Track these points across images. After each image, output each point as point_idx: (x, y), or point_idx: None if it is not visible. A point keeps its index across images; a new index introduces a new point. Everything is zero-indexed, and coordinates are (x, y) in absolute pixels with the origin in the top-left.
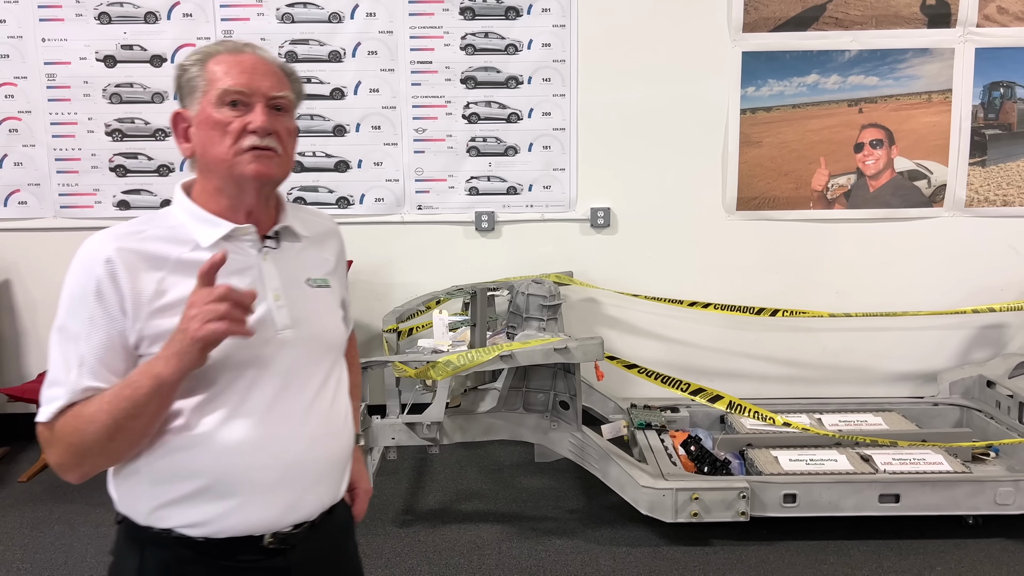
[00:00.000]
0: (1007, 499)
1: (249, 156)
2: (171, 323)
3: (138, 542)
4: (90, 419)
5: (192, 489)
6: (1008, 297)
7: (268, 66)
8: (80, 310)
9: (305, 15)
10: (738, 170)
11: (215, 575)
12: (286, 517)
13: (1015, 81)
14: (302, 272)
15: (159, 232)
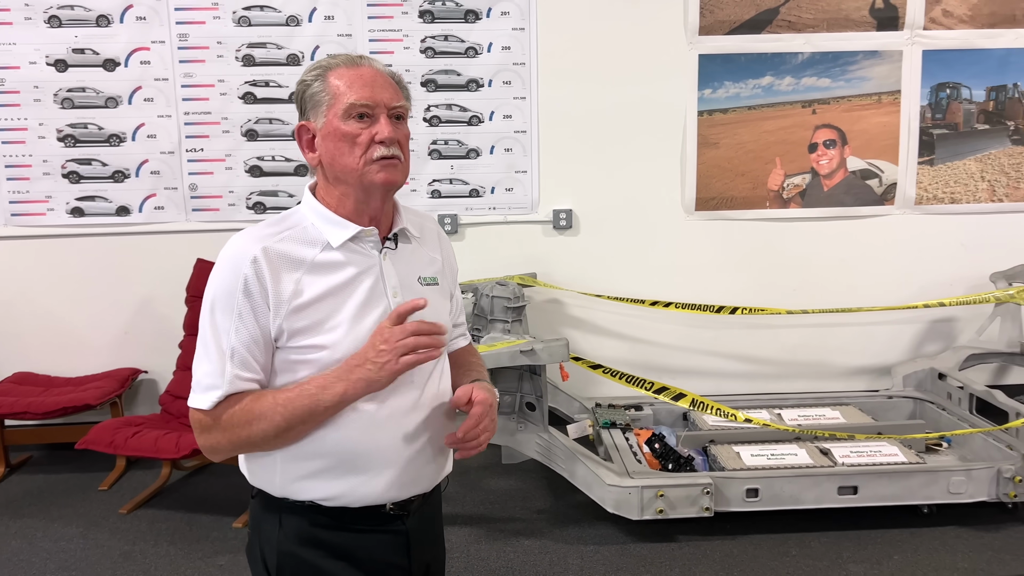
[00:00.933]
0: (959, 488)
1: (377, 166)
2: (308, 320)
3: (275, 510)
4: (261, 416)
5: (321, 467)
6: (957, 292)
7: (385, 78)
8: (229, 305)
9: (262, 18)
10: (696, 171)
11: (344, 537)
12: (405, 490)
13: (960, 82)
14: (415, 271)
15: (295, 233)
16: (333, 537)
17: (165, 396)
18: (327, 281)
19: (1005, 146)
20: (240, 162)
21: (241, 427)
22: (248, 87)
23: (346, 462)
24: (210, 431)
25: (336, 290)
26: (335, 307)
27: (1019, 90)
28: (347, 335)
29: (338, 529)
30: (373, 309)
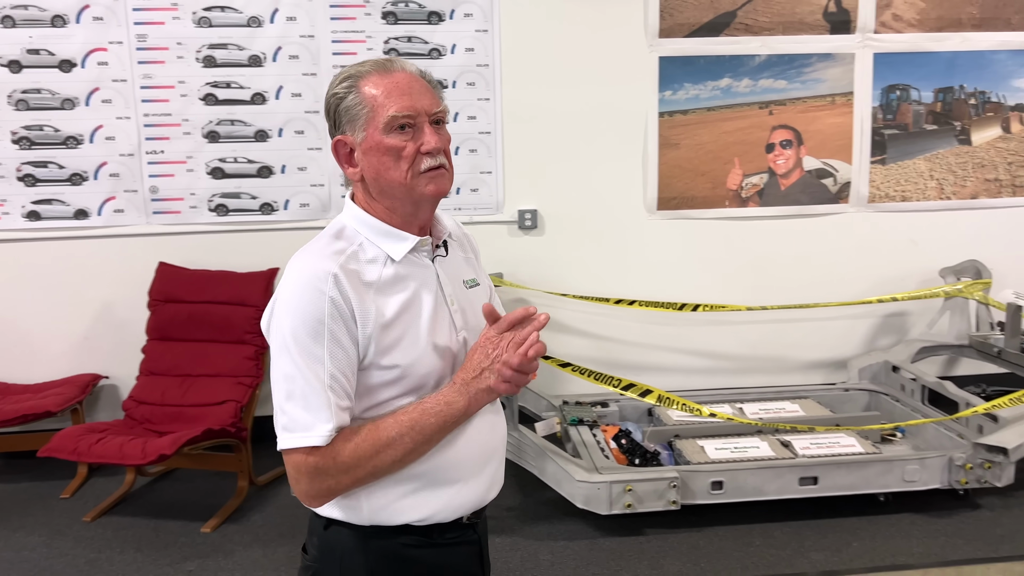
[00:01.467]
0: (913, 476)
1: (426, 178)
2: (394, 336)
3: (360, 539)
4: (389, 444)
5: (414, 487)
6: (909, 287)
7: (421, 82)
8: (318, 332)
9: (223, 19)
10: (658, 171)
11: (431, 553)
12: (488, 495)
13: (909, 84)
14: (460, 275)
15: (355, 250)
16: (422, 555)
17: (128, 402)
18: (399, 298)
19: (952, 146)
20: (201, 164)
21: (368, 459)
22: (209, 88)
23: (439, 478)
24: (327, 473)
25: (407, 306)
26: (410, 324)
27: (965, 92)
28: (426, 351)
29: (424, 547)
30: (440, 321)
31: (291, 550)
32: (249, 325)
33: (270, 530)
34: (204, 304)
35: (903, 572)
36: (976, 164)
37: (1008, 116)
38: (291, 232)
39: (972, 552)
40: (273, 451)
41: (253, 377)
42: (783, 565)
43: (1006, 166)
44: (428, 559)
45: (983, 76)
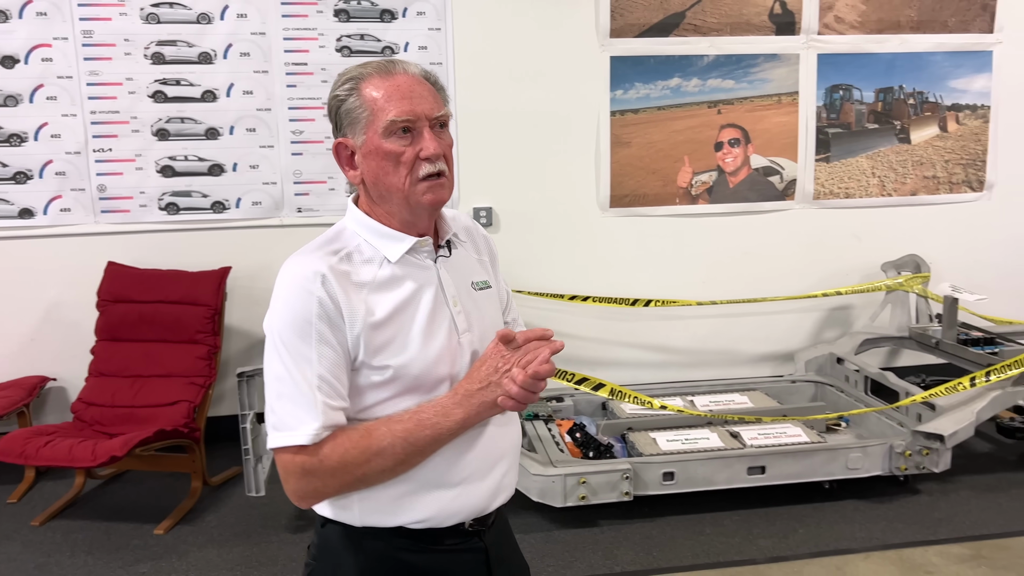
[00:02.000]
0: (856, 464)
1: (424, 186)
2: (382, 339)
3: (354, 539)
4: (380, 452)
5: (408, 490)
6: (852, 281)
7: (423, 84)
8: (306, 332)
9: (171, 15)
10: (610, 169)
11: (426, 558)
12: (492, 502)
13: (852, 84)
14: (468, 276)
15: (350, 251)
16: (416, 559)
17: (77, 404)
18: (393, 298)
19: (893, 144)
20: (151, 162)
21: (357, 466)
22: (158, 85)
23: (438, 480)
24: (314, 475)
25: (403, 306)
26: (404, 324)
27: (904, 92)
28: (420, 352)
29: (420, 552)
30: (440, 322)
31: (246, 550)
32: (201, 324)
33: (224, 530)
34: (155, 304)
35: (846, 556)
36: (915, 162)
37: (945, 116)
38: (243, 231)
39: (912, 536)
40: (228, 451)
41: (206, 377)
42: (732, 552)
43: (943, 164)
44: (424, 564)
45: (921, 77)
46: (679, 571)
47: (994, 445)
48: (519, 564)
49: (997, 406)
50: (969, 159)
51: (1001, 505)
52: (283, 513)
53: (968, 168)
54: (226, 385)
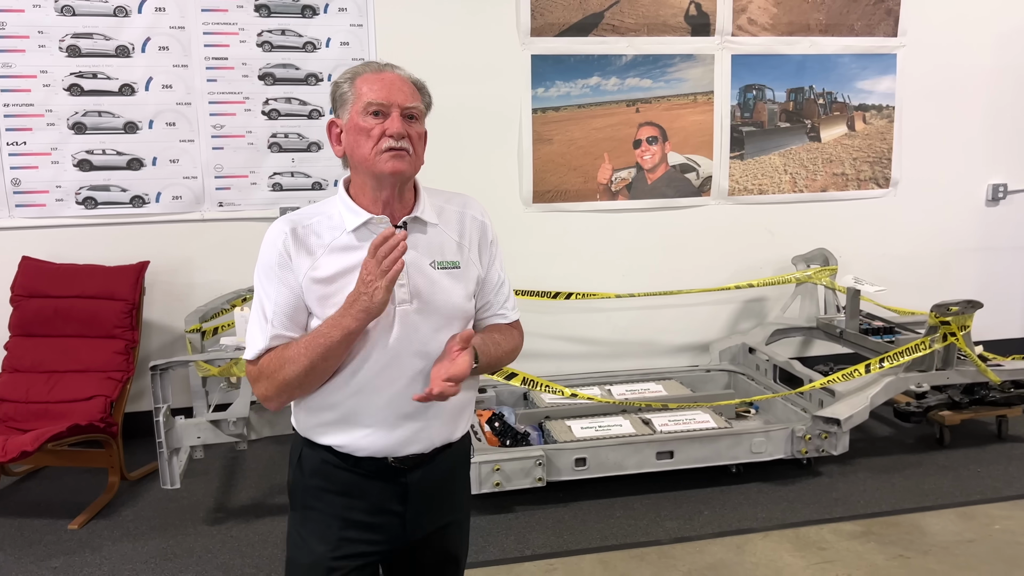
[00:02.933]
0: (760, 448)
1: (387, 156)
2: (324, 293)
3: (301, 444)
4: (291, 360)
5: (330, 419)
6: (766, 274)
7: (404, 82)
8: (269, 274)
9: (87, 8)
10: (532, 166)
11: (348, 476)
12: (404, 448)
13: (764, 84)
14: (429, 255)
15: (323, 219)
16: (339, 475)
17: None
18: (341, 261)
19: (803, 142)
20: (67, 156)
21: (277, 371)
22: (74, 79)
23: (349, 419)
24: (258, 381)
25: (347, 270)
26: (344, 285)
27: (814, 92)
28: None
29: (344, 470)
30: None
31: (162, 543)
32: (119, 319)
33: (141, 524)
34: (70, 299)
35: (747, 536)
36: (825, 159)
37: (853, 115)
38: (164, 225)
39: (809, 515)
40: (147, 446)
41: (123, 372)
42: (640, 534)
43: (851, 161)
44: (347, 481)
45: (830, 78)
46: (587, 553)
47: (893, 429)
48: (453, 513)
49: (891, 391)
50: (875, 157)
51: (894, 485)
52: (201, 506)
53: (875, 166)
54: (146, 381)
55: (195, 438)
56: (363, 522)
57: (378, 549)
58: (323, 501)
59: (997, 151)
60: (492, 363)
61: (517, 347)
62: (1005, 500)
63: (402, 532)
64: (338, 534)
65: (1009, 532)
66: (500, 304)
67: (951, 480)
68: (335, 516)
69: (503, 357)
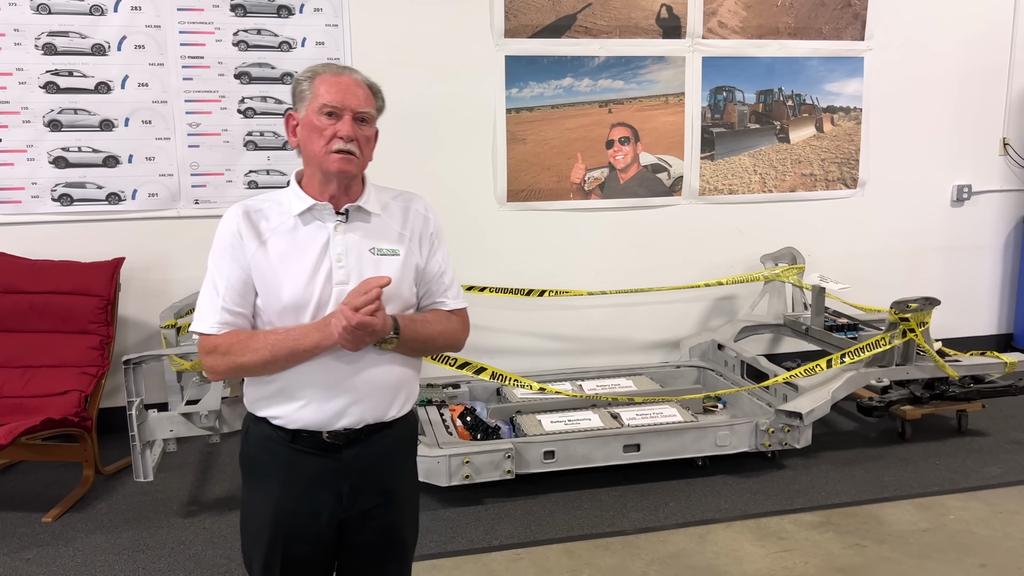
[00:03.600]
0: (724, 441)
1: (335, 156)
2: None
3: (252, 421)
4: (254, 349)
5: (270, 392)
6: (736, 272)
7: (360, 86)
8: (223, 254)
9: (63, 6)
10: (507, 165)
11: (288, 450)
12: (335, 422)
13: (735, 86)
14: (368, 243)
15: (273, 204)
16: (279, 450)
17: None
18: (286, 243)
19: (773, 143)
20: (43, 153)
21: (236, 355)
22: (50, 76)
23: (285, 391)
24: (211, 354)
25: (290, 251)
26: (289, 265)
27: (783, 94)
28: (295, 287)
29: (284, 445)
30: (319, 269)
31: (135, 535)
32: (94, 315)
33: (115, 517)
34: (46, 295)
35: (709, 526)
36: (794, 160)
37: (821, 117)
38: (140, 222)
39: (771, 506)
40: (122, 442)
41: (98, 367)
42: (606, 525)
43: (820, 162)
44: (286, 455)
45: (799, 80)
46: (553, 543)
47: (857, 423)
48: (394, 482)
49: (852, 385)
50: (843, 158)
51: (855, 477)
52: (174, 499)
53: (843, 166)
54: (121, 376)
55: (168, 431)
56: (302, 495)
57: (319, 522)
58: (266, 474)
59: (962, 153)
60: (421, 339)
61: (454, 331)
62: (961, 492)
63: (339, 507)
64: (279, 505)
65: (963, 522)
66: (441, 292)
67: (910, 472)
68: (276, 488)
69: (434, 337)
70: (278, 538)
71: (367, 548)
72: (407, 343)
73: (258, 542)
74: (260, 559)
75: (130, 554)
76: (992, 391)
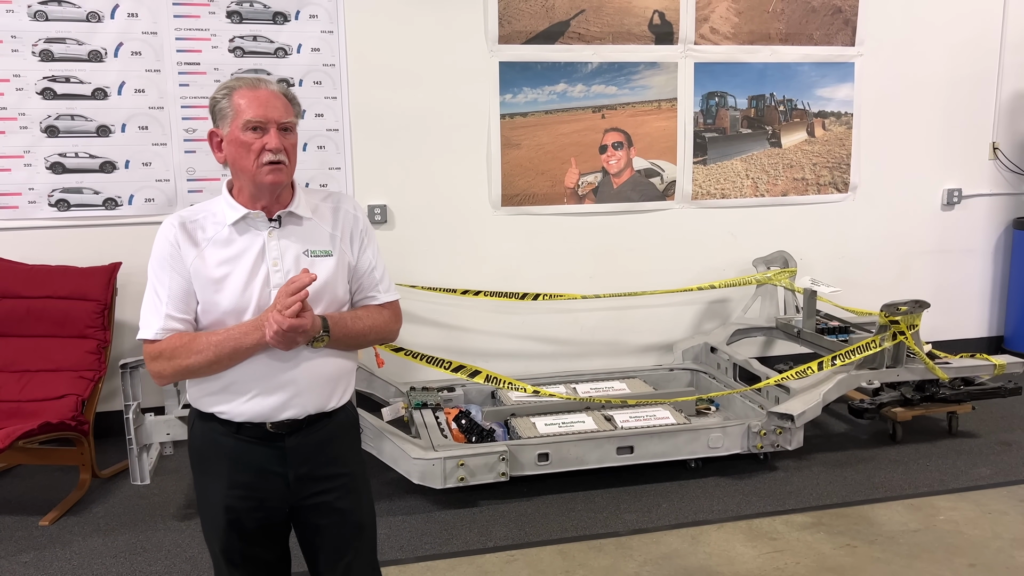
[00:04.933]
0: (717, 443)
1: (267, 169)
2: (206, 280)
3: (197, 419)
4: (198, 351)
5: (216, 388)
6: (728, 275)
7: (278, 97)
8: (163, 263)
9: (60, 13)
10: (501, 170)
11: (233, 442)
12: (279, 413)
13: (727, 92)
14: (302, 246)
15: (207, 215)
16: (225, 440)
17: None
18: (223, 251)
19: (764, 148)
20: (40, 159)
21: (182, 358)
22: (47, 83)
23: (230, 387)
24: (157, 359)
25: (228, 259)
26: (227, 272)
27: (775, 99)
28: (234, 293)
29: (227, 436)
30: (256, 274)
31: (132, 538)
32: (90, 319)
33: (112, 520)
34: (43, 299)
35: (701, 527)
36: (786, 165)
37: (812, 122)
38: (136, 227)
39: (763, 507)
40: (119, 445)
41: (95, 371)
42: (599, 526)
43: (811, 166)
44: (232, 447)
45: (790, 85)
46: (547, 544)
47: (848, 425)
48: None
49: (843, 388)
50: (835, 162)
51: (846, 478)
52: (171, 502)
53: (834, 171)
54: (118, 381)
55: (164, 434)
56: (249, 483)
57: (268, 507)
58: (214, 465)
59: (952, 157)
60: (352, 335)
61: (385, 323)
62: (951, 492)
63: (287, 492)
64: (228, 493)
65: (952, 522)
66: (372, 287)
67: (901, 473)
68: (224, 478)
69: (366, 331)
70: (232, 524)
71: (320, 531)
72: (339, 340)
73: (214, 529)
74: (218, 544)
75: (127, 557)
76: (982, 393)
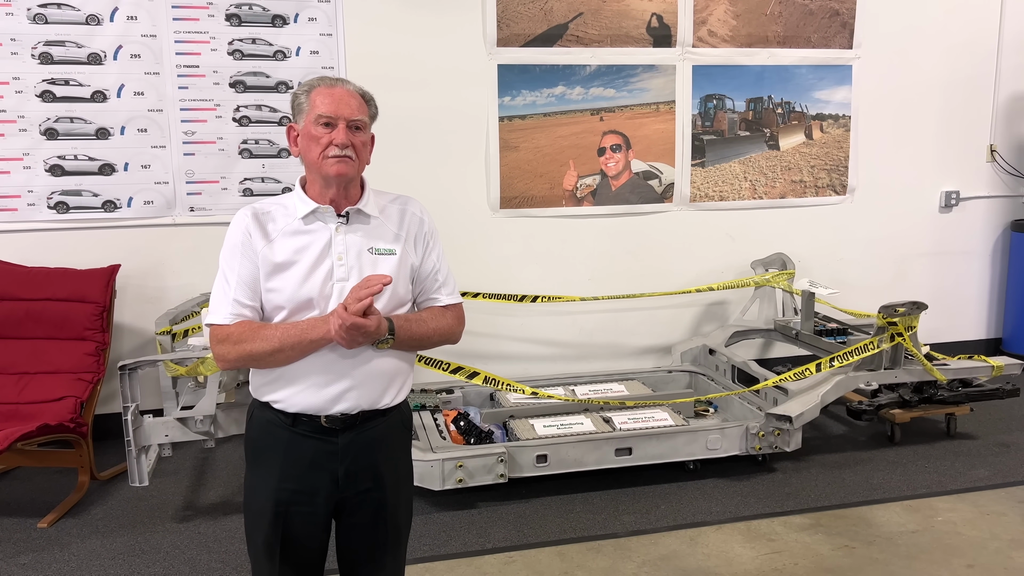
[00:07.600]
0: (715, 444)
1: (332, 160)
2: (273, 268)
3: (257, 408)
4: (265, 338)
5: (273, 376)
6: (727, 278)
7: (353, 96)
8: (234, 251)
9: (59, 16)
10: (499, 172)
11: (288, 433)
12: (332, 406)
13: (724, 94)
14: (367, 243)
15: (280, 208)
16: (281, 433)
17: None
18: (292, 242)
19: (762, 150)
20: (39, 161)
21: (247, 343)
22: (47, 85)
23: (286, 375)
24: (223, 343)
25: (297, 250)
26: (291, 264)
27: (773, 102)
28: (298, 283)
29: (283, 428)
30: (319, 266)
31: (130, 540)
32: (89, 321)
33: (110, 522)
34: (42, 301)
35: (700, 528)
36: (784, 167)
37: (810, 124)
38: (135, 229)
39: (761, 509)
40: (118, 447)
41: (94, 373)
42: (598, 528)
43: (809, 169)
44: (286, 438)
45: (788, 88)
46: (546, 546)
47: (847, 427)
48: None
49: (841, 389)
50: (832, 165)
51: (844, 480)
52: (170, 504)
53: (832, 173)
54: (117, 383)
55: (163, 436)
56: (301, 476)
57: (316, 501)
58: (268, 456)
59: (950, 159)
60: (416, 337)
61: (449, 327)
62: (949, 494)
63: (335, 488)
64: (279, 486)
65: (951, 523)
66: (435, 289)
67: (899, 475)
68: (277, 469)
69: (430, 334)
70: (279, 516)
71: (361, 528)
72: (403, 342)
73: (260, 520)
74: (261, 536)
75: (125, 559)
76: (980, 395)
